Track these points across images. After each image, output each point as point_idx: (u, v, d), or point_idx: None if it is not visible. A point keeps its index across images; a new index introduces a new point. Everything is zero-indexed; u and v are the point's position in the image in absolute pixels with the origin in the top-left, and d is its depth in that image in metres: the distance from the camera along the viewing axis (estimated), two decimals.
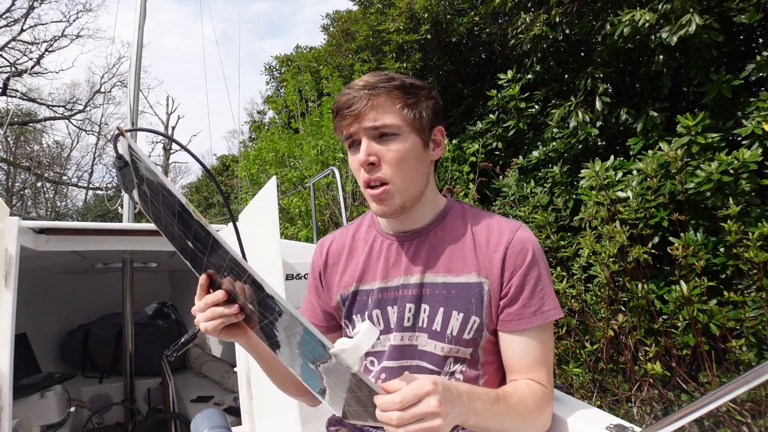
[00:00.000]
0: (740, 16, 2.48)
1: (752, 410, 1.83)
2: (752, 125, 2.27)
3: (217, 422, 0.95)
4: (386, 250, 0.93)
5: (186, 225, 0.68)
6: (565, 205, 2.65)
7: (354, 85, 0.84)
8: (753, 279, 1.91)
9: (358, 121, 0.82)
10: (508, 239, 0.86)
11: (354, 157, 0.85)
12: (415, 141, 0.85)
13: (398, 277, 0.90)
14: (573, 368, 2.35)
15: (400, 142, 0.83)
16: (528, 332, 0.84)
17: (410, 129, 0.85)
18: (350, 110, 0.82)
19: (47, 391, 2.16)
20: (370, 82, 0.83)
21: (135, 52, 2.82)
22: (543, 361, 0.85)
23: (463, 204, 0.97)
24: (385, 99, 0.83)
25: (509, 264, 0.85)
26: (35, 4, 14.94)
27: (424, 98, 0.87)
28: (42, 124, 17.32)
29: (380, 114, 0.82)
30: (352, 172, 0.91)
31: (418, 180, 0.87)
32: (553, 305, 0.85)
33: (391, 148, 0.83)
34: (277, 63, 8.80)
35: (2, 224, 1.41)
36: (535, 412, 0.80)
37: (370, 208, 0.91)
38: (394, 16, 5.10)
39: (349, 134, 0.85)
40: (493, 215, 0.94)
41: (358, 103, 0.82)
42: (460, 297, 0.85)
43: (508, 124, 3.92)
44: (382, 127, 0.82)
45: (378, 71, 0.88)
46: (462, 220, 0.92)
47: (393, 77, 0.84)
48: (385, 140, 0.83)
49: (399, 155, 0.83)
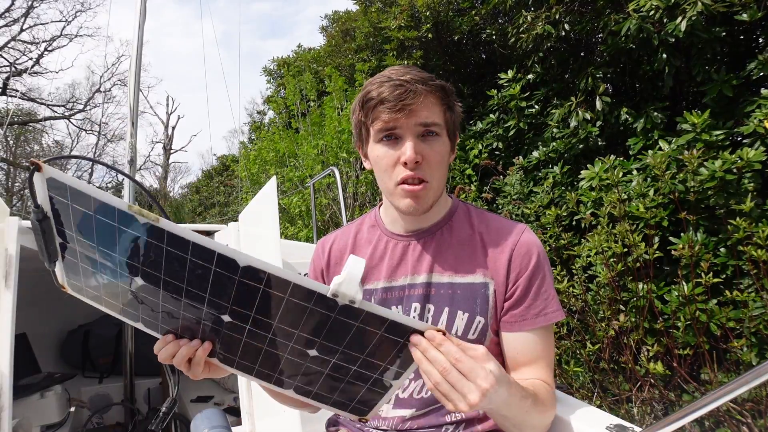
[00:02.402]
0: (742, 14, 2.48)
1: (752, 410, 1.83)
2: (754, 124, 2.26)
3: (217, 422, 0.95)
4: (391, 250, 0.92)
5: (220, 290, 0.59)
6: (566, 205, 2.65)
7: (397, 77, 0.79)
8: (753, 279, 1.91)
9: (409, 116, 0.79)
10: (514, 241, 0.86)
11: (393, 152, 0.81)
12: (448, 144, 0.86)
13: (404, 277, 0.89)
14: (573, 368, 2.35)
15: (441, 143, 0.83)
16: (531, 333, 0.85)
17: (446, 131, 0.85)
18: (404, 103, 0.77)
19: (47, 391, 2.16)
20: (419, 78, 0.79)
21: (135, 52, 2.82)
22: (547, 361, 0.86)
23: (467, 205, 0.97)
24: (434, 98, 0.81)
25: (515, 266, 0.85)
26: (35, 4, 14.94)
27: (457, 102, 0.87)
28: (42, 124, 17.31)
29: (431, 112, 0.81)
30: (380, 165, 0.85)
31: (444, 181, 0.88)
32: (555, 307, 0.86)
33: (435, 148, 0.82)
34: (276, 66, 8.79)
35: (2, 224, 1.41)
36: (551, 409, 0.81)
37: (398, 204, 0.85)
38: (396, 13, 5.09)
39: (389, 127, 0.80)
40: (497, 216, 0.94)
41: (412, 97, 0.77)
42: (465, 297, 0.85)
43: (509, 124, 3.91)
44: (433, 125, 0.81)
45: (410, 66, 0.83)
46: (468, 220, 0.92)
47: (432, 76, 0.82)
48: (429, 139, 0.82)
49: (440, 156, 0.83)
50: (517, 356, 0.86)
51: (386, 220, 0.96)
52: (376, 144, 0.84)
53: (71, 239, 0.62)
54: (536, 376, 0.84)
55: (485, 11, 4.53)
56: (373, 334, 0.62)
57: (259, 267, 0.57)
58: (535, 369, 0.85)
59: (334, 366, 0.67)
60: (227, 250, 0.56)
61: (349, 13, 7.26)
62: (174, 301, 0.63)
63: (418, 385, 0.88)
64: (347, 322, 0.61)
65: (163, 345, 0.69)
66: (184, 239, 0.56)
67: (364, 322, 0.61)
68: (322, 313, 0.60)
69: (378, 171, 0.86)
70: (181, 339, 0.69)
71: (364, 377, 0.68)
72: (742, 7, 2.47)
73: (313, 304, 0.60)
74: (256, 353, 0.67)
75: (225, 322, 0.63)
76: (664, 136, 2.76)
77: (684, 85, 3.26)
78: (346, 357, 0.65)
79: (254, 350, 0.67)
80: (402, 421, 0.89)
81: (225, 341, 0.67)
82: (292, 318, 0.62)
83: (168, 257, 0.58)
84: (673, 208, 2.36)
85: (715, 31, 2.57)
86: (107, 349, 2.94)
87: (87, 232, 0.59)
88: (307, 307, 0.60)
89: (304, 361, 0.67)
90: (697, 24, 2.55)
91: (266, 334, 0.64)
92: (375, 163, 0.86)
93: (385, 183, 0.85)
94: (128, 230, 0.57)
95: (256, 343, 0.65)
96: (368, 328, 0.61)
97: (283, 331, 0.63)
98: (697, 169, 2.18)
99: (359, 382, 0.68)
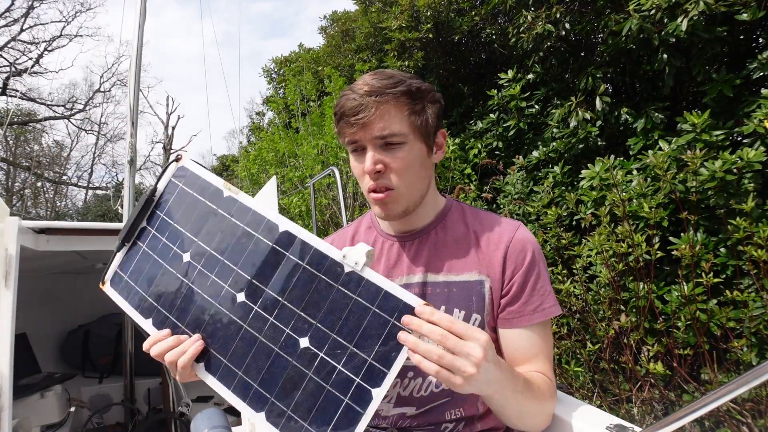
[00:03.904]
0: (742, 13, 2.48)
1: (752, 410, 1.83)
2: (754, 124, 2.26)
3: (217, 422, 0.94)
4: (387, 251, 0.93)
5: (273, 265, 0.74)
6: (566, 205, 2.65)
7: (358, 89, 0.80)
8: (753, 279, 1.91)
9: (365, 130, 0.80)
10: (509, 238, 0.87)
11: (358, 164, 0.84)
12: (420, 147, 0.85)
13: (400, 277, 0.90)
14: (574, 368, 2.35)
15: (407, 150, 0.82)
16: (529, 329, 0.85)
17: (416, 136, 0.83)
18: (356, 118, 0.79)
19: (47, 391, 2.16)
20: (376, 88, 0.79)
21: (135, 52, 2.82)
22: (546, 355, 0.86)
23: (461, 204, 0.98)
24: (392, 106, 0.80)
25: (510, 263, 0.86)
26: (34, 4, 14.94)
27: (429, 103, 0.85)
28: (42, 123, 17.31)
29: (388, 123, 0.80)
30: (354, 175, 0.92)
31: (421, 185, 0.87)
32: (552, 302, 0.86)
33: (398, 156, 0.81)
34: (275, 66, 8.79)
35: (2, 224, 1.41)
36: (550, 400, 0.81)
37: (373, 210, 0.90)
38: (396, 13, 5.09)
39: (353, 140, 0.82)
40: (491, 214, 0.94)
41: (365, 110, 0.78)
42: (461, 295, 0.86)
43: (509, 124, 3.91)
44: (390, 136, 0.80)
45: (381, 71, 0.84)
46: (462, 219, 0.93)
47: (398, 80, 0.81)
48: (392, 148, 0.82)
49: (405, 163, 0.82)
50: (515, 352, 0.86)
51: (382, 222, 0.97)
52: (350, 155, 0.87)
53: (160, 223, 0.82)
54: (535, 370, 0.85)
55: (485, 11, 4.53)
56: (366, 310, 0.67)
57: (292, 231, 0.73)
58: (533, 364, 0.85)
59: (320, 363, 0.68)
60: (271, 214, 0.75)
61: (349, 13, 7.26)
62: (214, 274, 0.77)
63: (418, 383, 0.88)
64: (346, 294, 0.68)
65: (158, 339, 0.74)
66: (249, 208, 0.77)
67: (360, 294, 0.68)
68: (327, 284, 0.69)
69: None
70: (182, 336, 0.75)
71: (347, 382, 0.66)
72: (742, 6, 2.47)
73: (323, 272, 0.70)
74: (248, 347, 0.71)
75: (237, 302, 0.73)
76: (665, 136, 2.76)
77: (684, 85, 3.26)
78: (334, 347, 0.67)
79: (248, 343, 0.72)
80: (402, 419, 0.89)
81: (223, 334, 0.73)
82: (300, 292, 0.71)
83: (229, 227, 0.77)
84: (674, 208, 2.36)
85: (715, 30, 2.57)
86: (107, 349, 2.94)
87: (189, 216, 0.80)
88: (317, 276, 0.70)
89: (291, 358, 0.69)
90: (697, 24, 2.55)
91: (269, 317, 0.71)
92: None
93: (363, 191, 0.88)
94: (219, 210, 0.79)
95: (253, 332, 0.72)
96: (362, 302, 0.67)
97: (285, 311, 0.71)
98: (697, 169, 2.18)
99: (340, 392, 0.67)
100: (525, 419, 0.79)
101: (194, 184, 0.82)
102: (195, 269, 0.78)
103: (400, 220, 0.91)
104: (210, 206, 0.79)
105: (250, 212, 0.76)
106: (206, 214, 0.79)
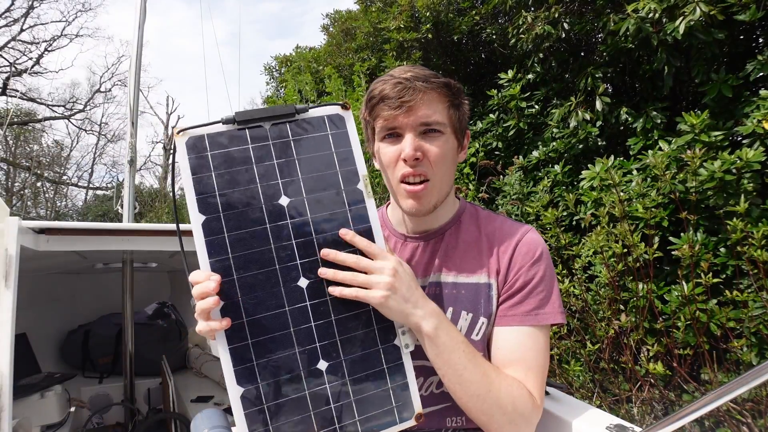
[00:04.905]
0: (741, 14, 2.48)
1: (752, 410, 1.83)
2: (753, 124, 2.26)
3: (217, 422, 0.94)
4: (399, 250, 0.92)
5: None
6: (565, 205, 2.65)
7: (400, 75, 0.79)
8: (753, 279, 1.91)
9: (409, 114, 0.78)
10: (518, 240, 0.86)
11: (393, 149, 0.82)
12: (453, 142, 0.85)
13: None
14: (574, 368, 2.35)
15: (444, 141, 0.82)
16: (517, 331, 0.81)
17: (452, 129, 0.84)
18: (402, 100, 0.77)
19: (47, 391, 2.16)
20: (421, 75, 0.79)
21: (135, 52, 2.82)
22: (529, 365, 0.79)
23: (475, 206, 0.97)
24: (437, 95, 0.80)
25: (515, 262, 0.85)
26: (35, 4, 14.94)
27: (464, 100, 0.86)
28: (42, 123, 17.30)
29: (432, 110, 0.80)
30: (382, 163, 0.87)
31: (450, 180, 0.87)
32: (551, 310, 0.82)
33: (436, 145, 0.81)
34: (277, 64, 8.79)
35: (2, 224, 1.41)
36: (519, 412, 0.74)
37: (402, 205, 0.86)
38: (395, 14, 5.09)
39: (392, 125, 0.81)
40: (504, 218, 0.93)
41: (412, 94, 0.77)
42: (469, 297, 0.85)
43: (509, 124, 3.91)
44: (434, 123, 0.80)
45: (415, 65, 0.84)
46: (475, 222, 0.92)
47: (436, 74, 0.82)
48: (430, 137, 0.81)
49: (442, 153, 0.82)
50: (497, 352, 0.83)
51: (393, 220, 0.96)
52: (380, 142, 0.84)
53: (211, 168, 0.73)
54: (514, 377, 0.79)
55: (485, 11, 4.53)
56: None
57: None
58: (512, 370, 0.79)
59: (330, 390, 0.71)
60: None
61: (350, 12, 7.25)
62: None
63: (418, 383, 0.87)
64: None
65: (207, 278, 0.67)
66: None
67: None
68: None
69: (382, 169, 0.87)
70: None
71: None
72: (741, 7, 2.47)
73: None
74: (272, 329, 0.70)
75: (296, 283, 0.71)
76: (664, 136, 2.76)
77: (683, 85, 3.26)
78: (347, 382, 0.72)
79: (276, 324, 0.70)
80: None
81: (262, 294, 0.69)
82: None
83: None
84: (674, 208, 2.36)
85: (714, 32, 2.57)
86: (107, 349, 2.94)
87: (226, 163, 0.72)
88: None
89: (303, 371, 0.71)
90: (697, 24, 2.55)
91: (310, 318, 0.71)
92: (380, 161, 0.87)
93: (389, 181, 0.86)
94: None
95: (288, 319, 0.70)
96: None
97: (326, 323, 0.71)
98: (697, 169, 2.18)
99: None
100: (492, 413, 0.73)
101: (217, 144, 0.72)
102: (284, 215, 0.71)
103: (419, 219, 0.90)
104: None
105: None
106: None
